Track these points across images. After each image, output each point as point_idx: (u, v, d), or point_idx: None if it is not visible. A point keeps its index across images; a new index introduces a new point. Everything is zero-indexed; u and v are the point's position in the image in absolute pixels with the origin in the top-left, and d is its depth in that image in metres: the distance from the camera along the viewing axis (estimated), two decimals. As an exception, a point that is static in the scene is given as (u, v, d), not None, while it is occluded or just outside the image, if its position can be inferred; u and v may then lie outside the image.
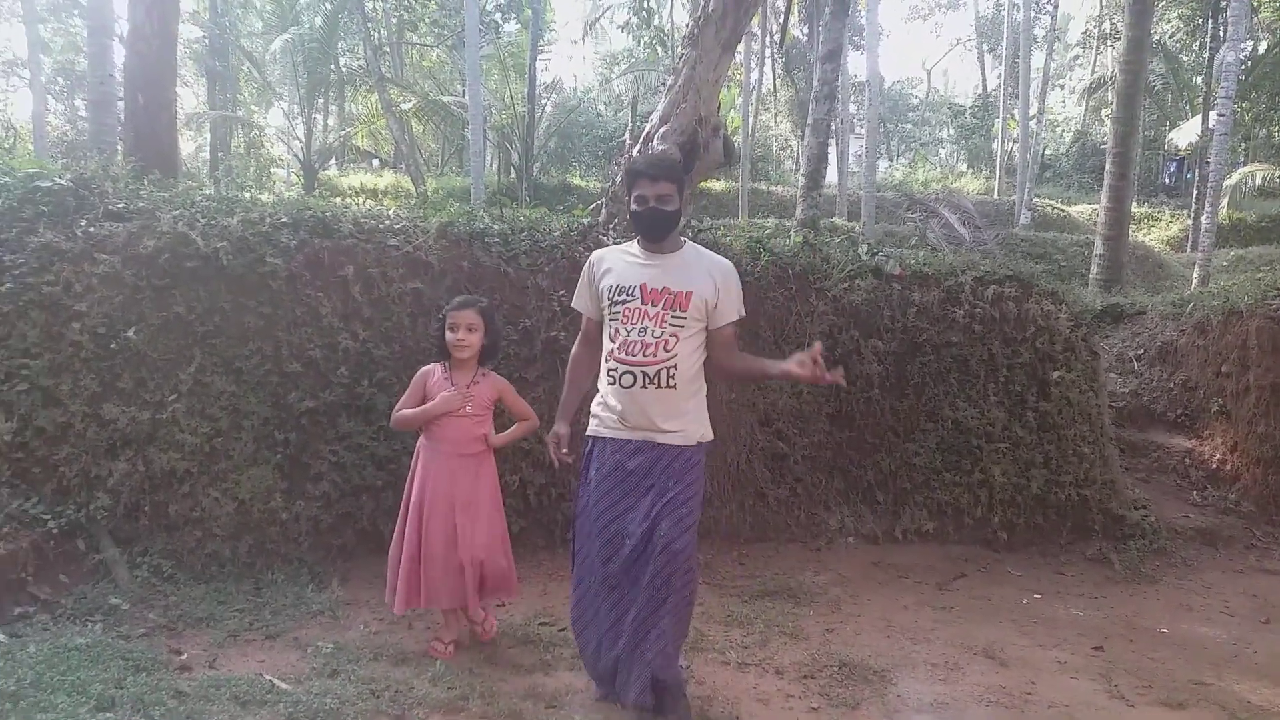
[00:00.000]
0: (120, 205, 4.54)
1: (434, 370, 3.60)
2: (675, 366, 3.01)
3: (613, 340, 3.07)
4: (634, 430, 3.04)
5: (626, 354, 3.01)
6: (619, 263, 3.14)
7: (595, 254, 3.28)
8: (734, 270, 3.19)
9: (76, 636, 3.34)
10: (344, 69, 22.29)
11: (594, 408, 3.19)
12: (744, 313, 3.21)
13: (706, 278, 3.08)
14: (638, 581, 2.99)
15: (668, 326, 3.00)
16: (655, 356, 3.00)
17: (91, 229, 4.36)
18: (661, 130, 6.17)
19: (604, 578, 3.06)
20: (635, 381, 3.01)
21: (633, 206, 3.11)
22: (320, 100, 23.06)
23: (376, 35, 21.91)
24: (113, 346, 4.19)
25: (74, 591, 3.76)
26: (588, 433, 3.19)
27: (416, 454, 3.61)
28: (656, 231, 3.11)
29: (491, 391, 3.63)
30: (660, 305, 3.01)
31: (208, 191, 4.96)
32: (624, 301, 3.04)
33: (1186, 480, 6.56)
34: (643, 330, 3.00)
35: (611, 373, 3.07)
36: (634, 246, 3.20)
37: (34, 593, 3.65)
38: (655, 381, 3.00)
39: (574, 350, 3.36)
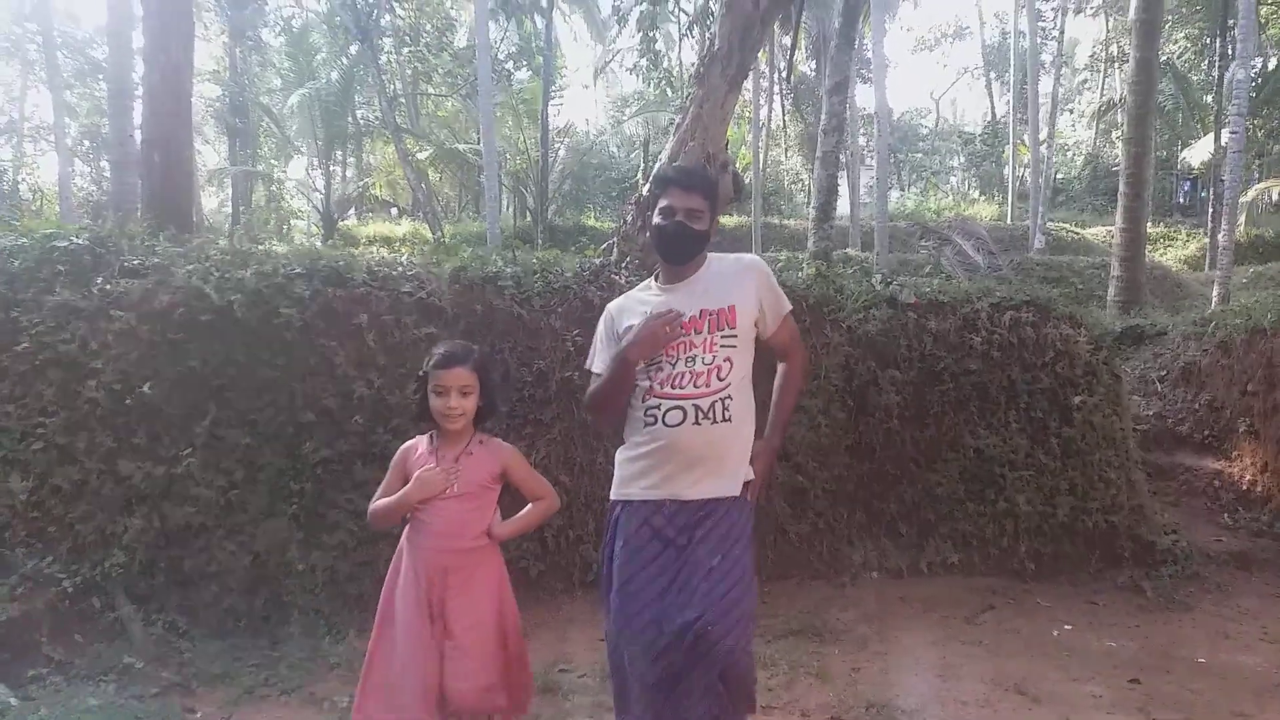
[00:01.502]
0: (136, 262, 4.59)
1: (417, 445, 2.80)
2: (730, 398, 2.59)
3: (651, 379, 2.61)
4: (673, 488, 2.58)
5: (672, 386, 2.57)
6: (638, 306, 2.73)
7: (610, 306, 2.84)
8: (762, 262, 2.83)
9: (89, 698, 3.32)
10: (361, 121, 22.71)
11: (620, 466, 2.71)
12: (790, 304, 2.84)
13: (741, 284, 2.70)
14: (690, 686, 2.47)
15: (720, 351, 2.59)
16: (708, 386, 2.56)
17: (108, 286, 4.39)
18: (670, 169, 6.20)
19: (653, 681, 2.50)
20: (685, 418, 2.55)
21: (656, 219, 2.69)
22: (338, 152, 23.50)
23: (392, 88, 22.34)
24: (128, 402, 4.21)
25: (88, 651, 3.74)
26: (613, 496, 2.72)
27: (398, 555, 2.79)
28: (680, 252, 2.70)
29: (491, 463, 2.76)
30: (705, 331, 2.60)
31: (222, 244, 5.02)
32: None
33: (1217, 503, 6.41)
34: (690, 360, 2.58)
35: (651, 412, 2.59)
36: (650, 284, 2.81)
37: (48, 654, 3.63)
38: (710, 416, 2.55)
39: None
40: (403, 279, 4.92)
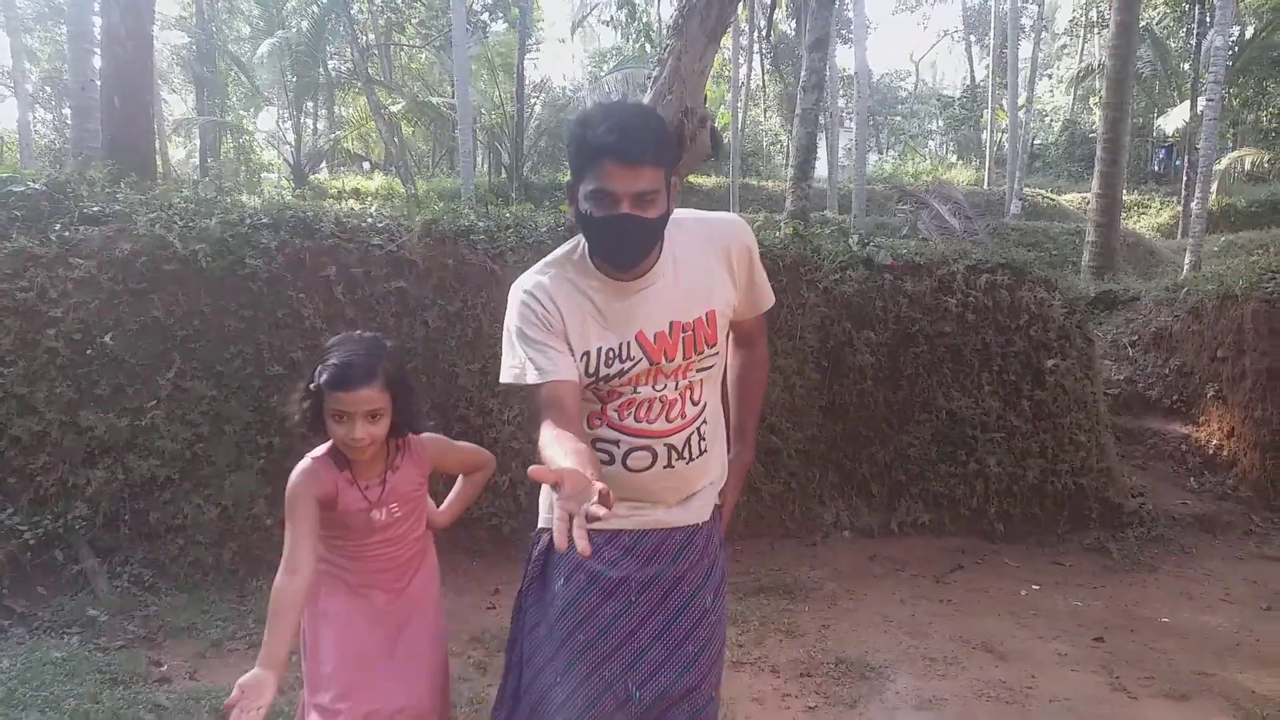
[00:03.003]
0: (96, 209, 4.46)
1: (319, 470, 2.09)
2: (705, 422, 1.94)
3: (603, 400, 1.87)
4: (636, 523, 1.92)
5: (635, 419, 1.86)
6: (579, 305, 1.82)
7: (528, 289, 1.84)
8: (745, 228, 1.97)
9: (52, 650, 3.27)
10: (332, 72, 22.19)
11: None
12: (773, 298, 2.07)
13: (717, 268, 1.89)
14: None
15: (694, 374, 1.89)
16: (684, 416, 1.89)
17: (66, 233, 4.27)
18: (647, 123, 6.08)
19: None
20: (654, 461, 1.87)
21: (585, 207, 1.72)
22: (309, 104, 22.96)
23: (364, 38, 21.81)
24: (89, 352, 4.10)
25: (52, 603, 3.69)
26: (544, 523, 2.04)
27: (314, 602, 2.17)
28: (627, 253, 1.78)
29: (420, 469, 2.23)
30: (680, 355, 1.85)
31: (186, 193, 4.88)
32: (624, 370, 1.83)
33: (1184, 467, 6.51)
34: (660, 387, 1.86)
35: (605, 448, 1.87)
36: (583, 256, 1.86)
37: (10, 606, 3.59)
38: (685, 455, 1.90)
39: (544, 435, 1.68)
40: (372, 231, 4.82)
